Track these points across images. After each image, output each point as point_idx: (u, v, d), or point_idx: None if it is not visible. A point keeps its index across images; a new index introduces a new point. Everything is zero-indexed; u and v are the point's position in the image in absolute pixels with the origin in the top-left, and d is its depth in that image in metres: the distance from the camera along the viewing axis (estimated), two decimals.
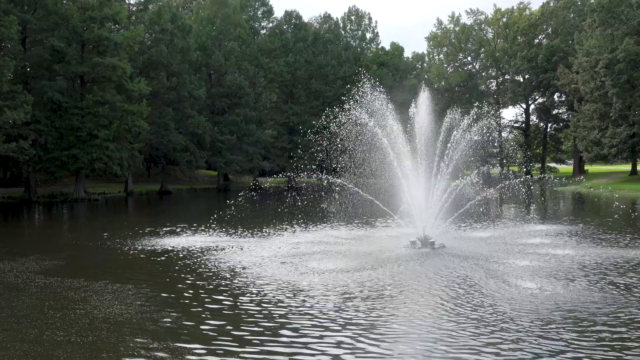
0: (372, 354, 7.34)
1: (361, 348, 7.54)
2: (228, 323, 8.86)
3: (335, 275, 12.25)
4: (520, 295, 10.21)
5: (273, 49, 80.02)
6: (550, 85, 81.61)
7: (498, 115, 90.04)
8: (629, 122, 56.59)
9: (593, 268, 12.85)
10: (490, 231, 20.82)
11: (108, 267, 14.57)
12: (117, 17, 45.11)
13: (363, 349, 7.52)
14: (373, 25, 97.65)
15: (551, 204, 38.99)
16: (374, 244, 17.60)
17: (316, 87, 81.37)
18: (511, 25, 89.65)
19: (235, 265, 13.83)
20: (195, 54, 62.47)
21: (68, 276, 12.84)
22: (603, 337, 7.83)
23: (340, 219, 23.97)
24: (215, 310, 9.64)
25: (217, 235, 20.17)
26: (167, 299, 10.56)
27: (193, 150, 59.71)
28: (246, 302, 10.11)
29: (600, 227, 21.72)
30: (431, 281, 11.62)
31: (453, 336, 7.93)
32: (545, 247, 16.35)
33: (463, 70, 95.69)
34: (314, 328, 8.48)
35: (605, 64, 56.07)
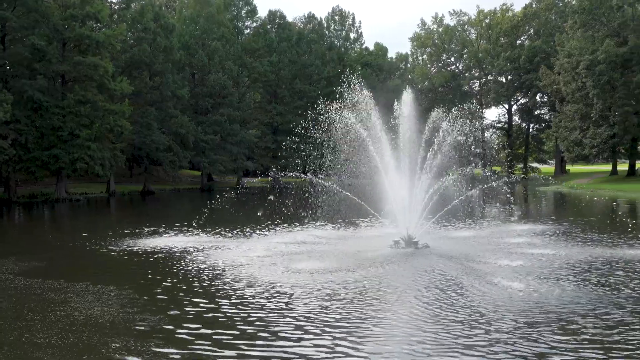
0: (354, 357, 7.31)
1: (343, 352, 7.51)
2: (208, 326, 8.77)
3: (318, 276, 12.22)
4: (504, 295, 10.26)
5: (257, 48, 79.82)
6: (532, 86, 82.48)
7: (481, 116, 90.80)
8: (609, 122, 57.35)
9: (576, 267, 12.96)
10: (473, 231, 20.94)
11: (89, 268, 14.40)
12: (99, 15, 44.63)
13: (345, 352, 7.48)
14: (357, 25, 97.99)
15: (533, 203, 39.36)
16: (358, 244, 17.60)
17: (300, 87, 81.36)
18: (494, 27, 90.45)
19: (217, 266, 13.74)
20: (179, 53, 62.10)
21: (48, 277, 12.66)
22: (587, 337, 7.89)
23: (323, 219, 23.93)
24: (196, 312, 9.54)
25: (199, 236, 20.03)
26: (149, 301, 10.44)
27: (176, 150, 59.32)
28: (227, 304, 10.03)
29: (582, 226, 21.95)
30: (414, 281, 11.63)
31: (437, 338, 7.93)
32: (528, 246, 16.47)
33: (446, 71, 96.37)
34: (294, 330, 8.43)
35: (586, 65, 56.76)
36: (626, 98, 56.06)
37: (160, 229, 22.38)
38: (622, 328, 8.19)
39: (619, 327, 8.23)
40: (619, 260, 13.79)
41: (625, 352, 7.22)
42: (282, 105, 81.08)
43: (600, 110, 57.18)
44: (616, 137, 57.12)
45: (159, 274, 13.06)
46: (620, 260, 13.79)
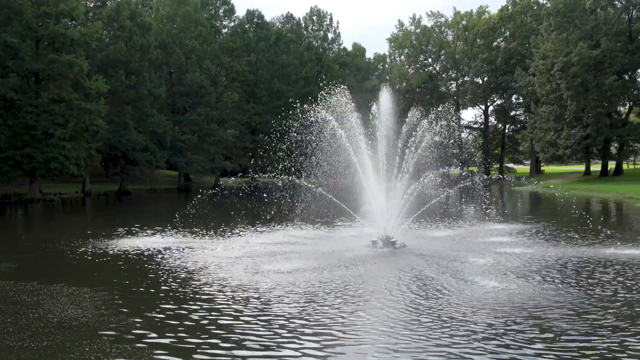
0: (329, 357, 7.32)
1: (318, 348, 7.51)
2: (185, 329, 8.70)
3: (295, 276, 12.20)
4: (481, 293, 10.36)
5: (235, 48, 79.43)
6: (508, 88, 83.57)
7: (458, 117, 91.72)
8: (582, 124, 58.40)
9: (552, 266, 13.15)
10: (450, 230, 21.13)
11: (63, 270, 14.17)
12: (74, 13, 43.93)
13: (321, 352, 7.49)
14: (335, 25, 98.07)
15: (509, 203, 39.87)
16: (336, 243, 17.62)
17: (278, 87, 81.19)
18: (470, 28, 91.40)
19: (193, 267, 13.63)
20: (155, 52, 61.46)
21: (21, 279, 12.42)
22: (563, 336, 8.00)
23: (301, 219, 23.92)
24: (172, 315, 9.45)
25: (176, 237, 19.85)
26: (124, 303, 10.31)
27: (153, 150, 58.74)
28: (203, 305, 9.96)
29: (556, 225, 22.29)
30: (392, 281, 11.69)
31: (413, 337, 7.98)
32: (505, 245, 16.68)
33: (424, 72, 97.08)
34: (271, 331, 8.41)
35: (561, 67, 57.74)
36: (599, 100, 57.18)
37: (136, 230, 22.13)
38: (596, 325, 8.33)
39: (593, 326, 8.37)
40: (592, 258, 14.03)
41: (600, 351, 7.35)
42: (260, 105, 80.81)
43: (574, 112, 58.21)
44: (589, 138, 58.19)
45: (135, 275, 12.91)
46: (594, 258, 14.03)
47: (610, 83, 55.82)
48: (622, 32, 58.85)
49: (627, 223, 25.56)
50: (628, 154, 71.02)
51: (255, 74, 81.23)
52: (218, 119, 69.64)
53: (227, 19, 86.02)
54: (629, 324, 8.43)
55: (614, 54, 56.45)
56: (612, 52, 56.32)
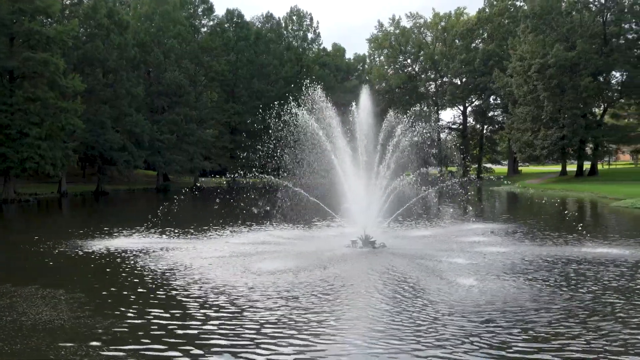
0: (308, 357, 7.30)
1: (297, 350, 7.49)
2: (161, 331, 8.61)
3: (274, 277, 12.15)
4: (459, 292, 10.43)
5: (214, 47, 78.94)
6: (486, 88, 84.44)
7: (436, 117, 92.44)
8: (559, 124, 59.23)
9: (529, 264, 13.30)
10: (429, 230, 21.26)
11: (38, 271, 13.91)
12: (50, 10, 43.19)
13: (299, 351, 7.47)
14: (315, 25, 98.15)
15: (487, 203, 40.28)
16: (316, 243, 17.61)
17: (258, 86, 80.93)
18: (449, 30, 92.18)
19: (172, 268, 13.50)
20: (133, 50, 60.77)
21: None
22: (541, 335, 8.08)
23: (281, 219, 23.85)
24: (149, 317, 9.35)
25: (154, 237, 19.65)
26: (100, 304, 10.16)
27: (131, 150, 58.11)
28: (181, 306, 9.87)
29: (533, 225, 22.58)
30: (370, 281, 11.71)
31: (392, 336, 8.00)
32: (483, 244, 16.83)
33: (403, 72, 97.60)
34: (251, 332, 8.37)
35: (537, 69, 58.48)
36: (574, 101, 58.05)
37: (113, 231, 21.86)
38: (575, 324, 8.44)
39: (573, 324, 8.47)
40: (569, 257, 14.23)
41: (582, 347, 7.44)
42: (239, 104, 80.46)
43: (550, 113, 59.01)
44: (565, 139, 59.03)
45: (111, 276, 12.74)
46: (571, 257, 14.23)
47: (585, 85, 56.70)
48: (597, 34, 59.83)
49: (602, 222, 25.99)
50: (603, 154, 72.24)
51: (235, 73, 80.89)
52: (197, 118, 69.19)
53: (206, 18, 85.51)
54: (609, 321, 8.55)
55: (589, 56, 57.36)
56: (587, 54, 57.22)
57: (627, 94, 63.72)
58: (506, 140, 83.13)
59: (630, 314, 8.93)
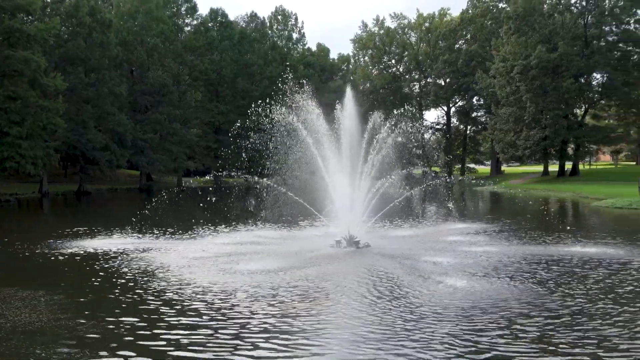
0: (289, 357, 7.28)
1: (278, 350, 7.46)
2: (143, 331, 8.53)
3: (258, 277, 12.10)
4: (443, 292, 10.46)
5: (198, 46, 78.48)
6: (469, 89, 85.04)
7: (420, 117, 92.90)
8: (541, 125, 59.84)
9: (513, 264, 13.39)
10: (413, 230, 21.33)
11: (17, 272, 13.71)
12: (30, 8, 42.63)
13: (279, 354, 7.44)
14: (299, 25, 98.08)
15: (470, 203, 40.55)
16: (300, 243, 17.57)
17: (242, 86, 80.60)
18: (433, 30, 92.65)
19: (155, 268, 13.38)
20: (116, 49, 60.19)
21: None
22: (525, 334, 8.14)
23: (265, 219, 23.79)
24: (131, 319, 9.24)
25: (137, 238, 19.48)
26: (81, 306, 10.04)
27: (113, 149, 57.55)
28: (163, 308, 9.78)
29: (515, 224, 22.76)
30: (354, 281, 11.70)
31: (375, 336, 7.99)
32: (466, 244, 16.93)
33: (387, 73, 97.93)
34: (231, 333, 8.32)
35: (520, 70, 59.02)
36: (556, 102, 58.70)
37: (95, 231, 21.62)
38: (557, 323, 8.51)
39: (555, 324, 8.54)
40: (551, 256, 14.36)
41: (567, 349, 7.50)
42: (223, 104, 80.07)
43: (532, 114, 59.58)
44: (547, 140, 59.67)
45: (92, 278, 12.58)
46: (553, 256, 14.36)
47: (567, 86, 57.36)
48: (579, 36, 60.53)
49: (584, 222, 26.31)
50: (584, 155, 73.16)
51: (219, 73, 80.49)
52: (181, 118, 68.75)
53: (190, 17, 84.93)
54: (587, 319, 8.63)
55: (570, 57, 58.02)
56: (569, 55, 57.87)
57: (607, 96, 64.62)
58: (489, 141, 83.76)
59: (618, 314, 9.02)
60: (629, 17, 61.63)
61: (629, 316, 8.81)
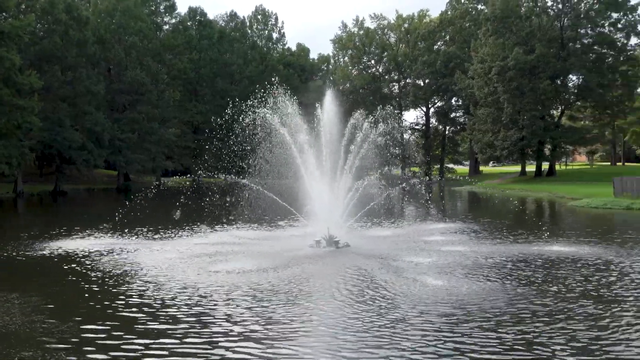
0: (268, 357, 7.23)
1: (248, 352, 7.42)
2: (122, 333, 8.41)
3: (237, 277, 12.02)
4: (422, 291, 10.50)
5: (176, 45, 77.88)
6: (448, 90, 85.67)
7: (400, 118, 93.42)
8: (518, 126, 60.58)
9: (491, 264, 13.49)
10: (393, 229, 21.40)
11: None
12: (5, 4, 41.91)
13: (249, 352, 7.39)
14: (279, 25, 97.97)
15: (449, 203, 40.86)
16: (280, 243, 17.52)
17: (221, 85, 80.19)
18: (412, 31, 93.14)
19: (132, 269, 13.21)
20: (93, 47, 59.39)
21: None
22: (509, 334, 8.20)
23: (244, 220, 23.67)
24: (107, 321, 9.11)
25: (113, 238, 19.22)
26: (56, 309, 9.86)
27: (90, 149, 56.77)
28: (141, 310, 9.66)
29: (493, 224, 22.97)
30: (334, 281, 11.69)
31: (355, 336, 7.99)
32: (444, 244, 17.03)
33: (367, 73, 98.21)
34: (210, 333, 8.24)
35: (498, 71, 59.67)
36: (533, 103, 59.49)
37: (71, 232, 21.28)
38: (532, 322, 8.59)
39: (530, 322, 8.62)
40: (528, 256, 14.51)
41: (544, 347, 7.57)
42: (202, 104, 79.57)
43: (510, 114, 60.29)
44: (525, 140, 60.44)
45: (68, 279, 12.38)
46: (530, 256, 14.51)
47: (544, 87, 58.17)
48: (555, 39, 61.41)
49: (560, 222, 26.68)
50: (560, 155, 74.31)
51: (198, 72, 79.99)
52: (159, 117, 68.11)
53: (169, 16, 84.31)
54: (564, 316, 8.73)
55: (547, 59, 58.85)
56: (546, 57, 58.69)
57: (583, 97, 65.66)
58: (468, 141, 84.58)
59: (595, 313, 9.14)
60: (604, 20, 62.73)
61: (606, 315, 8.93)
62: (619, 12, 62.19)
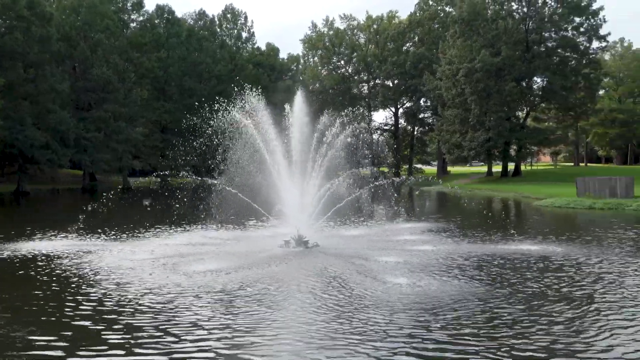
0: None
1: (227, 347, 7.34)
2: (82, 337, 8.23)
3: (203, 278, 11.87)
4: (390, 291, 10.53)
5: (144, 43, 76.67)
6: (417, 91, 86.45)
7: (369, 118, 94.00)
8: (485, 127, 61.57)
9: (459, 263, 13.64)
10: (362, 229, 21.48)
11: None
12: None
13: (229, 349, 7.32)
14: (249, 24, 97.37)
15: (418, 203, 41.24)
16: (249, 244, 17.41)
17: (190, 84, 79.21)
18: (381, 32, 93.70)
19: (97, 272, 12.91)
20: (58, 44, 58.05)
21: None
22: (474, 331, 8.28)
23: (213, 220, 23.44)
24: (71, 325, 8.90)
25: (78, 239, 18.79)
26: (17, 313, 9.58)
27: (55, 148, 55.49)
28: (103, 314, 9.46)
29: (461, 223, 23.26)
30: (302, 281, 11.65)
31: (323, 336, 7.96)
32: (414, 243, 17.16)
33: (337, 73, 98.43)
34: (177, 334, 8.13)
35: (465, 73, 60.52)
36: (500, 105, 60.57)
37: (33, 233, 20.73)
38: (502, 321, 8.70)
39: (498, 320, 8.73)
40: (495, 254, 14.72)
41: (511, 345, 7.66)
42: (170, 103, 78.49)
43: (477, 116, 61.23)
44: (491, 141, 61.47)
45: (29, 282, 12.04)
46: (497, 254, 14.72)
47: (509, 89, 59.27)
48: (520, 41, 62.62)
49: (526, 221, 27.18)
50: (525, 155, 75.84)
51: (166, 71, 78.86)
52: (126, 116, 66.99)
53: (136, 13, 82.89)
54: (530, 315, 8.87)
55: (512, 61, 59.99)
56: (511, 60, 59.82)
57: (547, 99, 67.16)
58: (436, 142, 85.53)
59: (561, 310, 9.31)
60: (567, 24, 64.27)
61: (572, 312, 9.11)
62: (581, 17, 63.82)
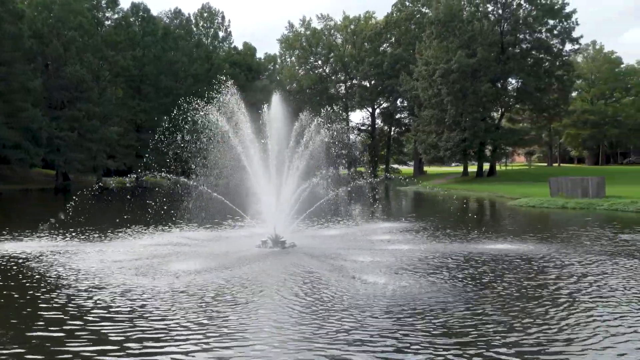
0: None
1: (203, 349, 7.28)
2: (54, 341, 8.09)
3: (182, 279, 11.76)
4: (368, 290, 10.56)
5: (119, 41, 75.75)
6: (393, 91, 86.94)
7: (346, 118, 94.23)
8: (461, 127, 62.17)
9: (436, 262, 13.73)
10: (339, 229, 21.50)
11: None
12: None
13: (207, 350, 7.26)
14: (226, 24, 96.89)
15: (394, 202, 41.46)
16: (226, 244, 17.31)
17: (166, 83, 78.50)
18: (358, 33, 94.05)
19: (70, 274, 12.68)
20: (29, 41, 56.99)
21: None
22: (459, 332, 8.33)
23: (190, 221, 23.22)
24: (40, 329, 8.74)
25: (50, 240, 18.43)
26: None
27: (26, 147, 54.52)
28: (78, 316, 9.31)
29: (437, 223, 23.43)
30: (279, 281, 11.62)
31: (299, 336, 7.95)
32: (391, 243, 17.24)
33: (314, 73, 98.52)
34: (152, 336, 8.04)
35: (441, 74, 61.02)
36: (475, 105, 61.23)
37: (3, 234, 20.30)
38: (479, 320, 8.78)
39: (474, 320, 8.81)
40: (471, 253, 14.86)
41: (486, 343, 7.73)
42: (146, 102, 77.67)
43: (453, 116, 61.80)
44: (467, 141, 62.10)
45: (4, 284, 11.79)
46: (472, 253, 14.87)
47: (485, 90, 59.96)
48: (495, 43, 63.42)
49: (500, 220, 27.53)
50: (500, 156, 76.83)
51: (141, 69, 78.03)
52: (100, 115, 66.14)
53: (111, 11, 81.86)
54: (509, 314, 8.97)
55: (488, 63, 60.71)
56: (487, 61, 60.53)
57: (521, 100, 68.13)
58: (412, 142, 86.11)
59: (535, 307, 9.43)
60: (541, 27, 65.28)
61: (543, 310, 9.24)
62: (555, 19, 64.92)
